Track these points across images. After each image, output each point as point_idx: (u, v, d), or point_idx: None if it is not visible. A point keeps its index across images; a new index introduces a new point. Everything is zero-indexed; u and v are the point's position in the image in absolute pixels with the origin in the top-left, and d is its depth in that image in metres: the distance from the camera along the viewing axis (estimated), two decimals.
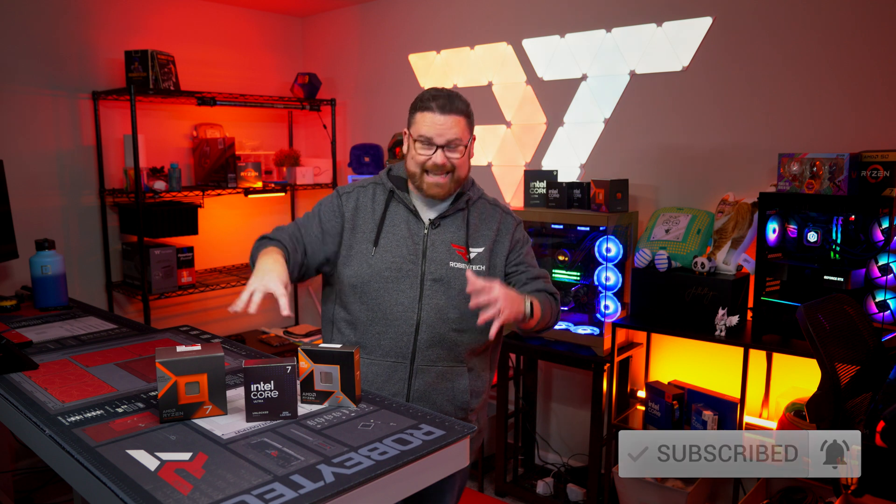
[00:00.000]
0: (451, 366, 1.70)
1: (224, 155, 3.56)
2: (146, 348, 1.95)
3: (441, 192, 1.68)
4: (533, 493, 2.94)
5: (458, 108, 1.66)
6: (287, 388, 1.38)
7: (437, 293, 1.67)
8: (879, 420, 1.62)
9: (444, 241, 1.71)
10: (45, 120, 3.15)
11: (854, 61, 2.35)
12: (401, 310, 1.66)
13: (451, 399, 1.71)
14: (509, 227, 1.79)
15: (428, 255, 1.69)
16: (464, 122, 1.67)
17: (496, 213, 1.80)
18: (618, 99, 2.91)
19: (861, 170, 2.20)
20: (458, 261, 1.69)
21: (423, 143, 1.66)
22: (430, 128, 1.65)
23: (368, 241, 1.70)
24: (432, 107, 1.65)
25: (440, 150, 1.65)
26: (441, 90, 1.70)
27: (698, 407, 2.48)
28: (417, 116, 1.69)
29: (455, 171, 1.68)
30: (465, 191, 1.77)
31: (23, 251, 2.88)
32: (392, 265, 1.67)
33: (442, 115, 1.65)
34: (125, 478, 1.13)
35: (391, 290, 1.67)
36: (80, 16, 3.22)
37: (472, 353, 1.73)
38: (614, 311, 2.71)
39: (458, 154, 1.66)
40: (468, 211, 1.75)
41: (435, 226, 1.72)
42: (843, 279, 2.11)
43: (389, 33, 3.71)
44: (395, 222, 1.72)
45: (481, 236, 1.74)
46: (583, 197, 2.75)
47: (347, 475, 1.14)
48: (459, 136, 1.66)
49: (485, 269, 1.71)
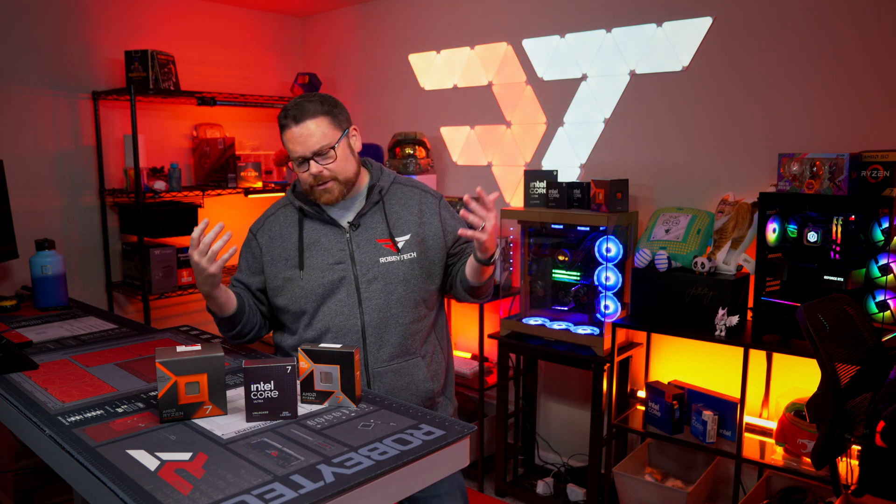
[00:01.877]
0: (406, 360, 1.71)
1: (224, 155, 3.56)
2: (146, 348, 1.95)
3: (332, 198, 1.66)
4: (533, 493, 2.94)
5: (310, 112, 1.61)
6: (287, 388, 1.38)
7: (376, 293, 1.67)
8: (879, 420, 1.62)
9: (369, 240, 1.69)
10: (45, 120, 3.15)
11: (854, 61, 2.35)
12: (342, 319, 1.67)
13: (415, 392, 1.72)
14: (433, 207, 1.77)
15: (357, 259, 1.68)
16: (325, 121, 1.62)
17: (414, 194, 1.78)
18: (618, 99, 2.91)
19: (861, 170, 2.20)
20: (387, 255, 1.69)
21: (297, 162, 1.65)
22: (293, 143, 1.62)
23: (293, 267, 1.70)
24: (287, 122, 1.62)
25: (311, 161, 1.62)
26: (295, 101, 1.65)
27: (698, 407, 2.48)
28: (284, 139, 1.65)
29: (338, 176, 1.65)
30: (375, 182, 1.74)
31: (23, 251, 2.88)
32: (323, 280, 1.67)
33: (297, 125, 1.61)
34: (125, 478, 1.13)
35: (329, 303, 1.67)
36: (80, 16, 3.22)
37: (422, 340, 1.74)
38: (614, 311, 2.71)
39: (330, 159, 1.63)
40: (384, 201, 1.73)
41: (355, 227, 1.70)
42: (843, 279, 2.11)
43: (389, 33, 3.71)
44: (314, 238, 1.71)
45: (404, 223, 1.72)
46: (583, 197, 2.75)
47: (347, 475, 1.14)
48: (321, 141, 1.61)
49: (416, 256, 1.70)
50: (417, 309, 1.72)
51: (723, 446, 2.41)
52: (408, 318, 1.70)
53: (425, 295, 1.74)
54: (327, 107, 1.65)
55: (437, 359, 1.80)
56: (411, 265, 1.70)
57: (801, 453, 2.27)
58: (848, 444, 1.77)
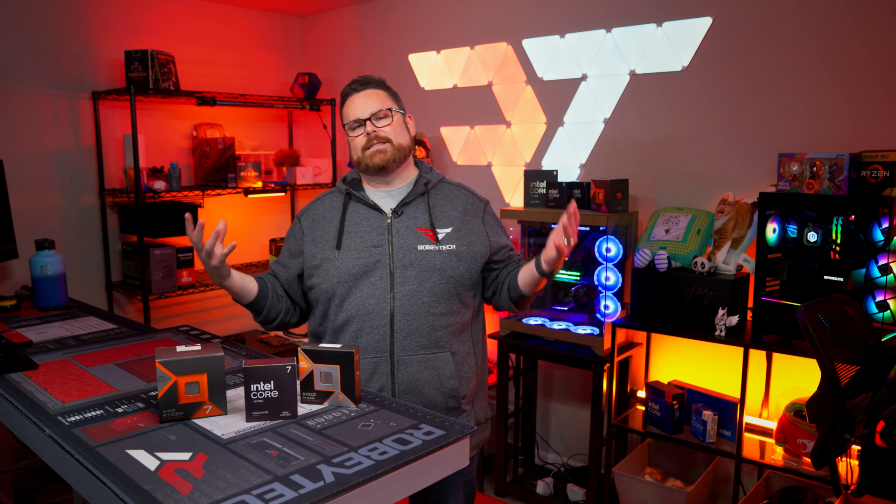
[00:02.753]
0: (433, 352, 1.68)
1: (224, 155, 3.56)
2: (146, 348, 1.95)
3: (385, 158, 1.69)
4: (533, 493, 2.94)
5: (373, 83, 1.74)
6: (287, 388, 1.38)
7: (409, 279, 1.66)
8: (879, 420, 1.62)
9: (410, 227, 1.70)
10: (45, 120, 3.15)
11: (854, 61, 2.35)
12: (372, 303, 1.66)
13: (439, 387, 1.68)
14: (477, 209, 1.79)
15: (395, 244, 1.68)
16: (383, 93, 1.73)
17: (461, 193, 1.80)
18: (618, 99, 2.91)
19: (861, 170, 2.20)
20: (426, 243, 1.68)
21: (352, 126, 1.71)
22: (352, 108, 1.71)
23: (331, 248, 1.71)
24: (349, 91, 1.74)
25: (368, 121, 1.69)
26: (354, 78, 1.76)
27: (698, 407, 2.48)
28: (343, 109, 1.74)
29: (393, 139, 1.70)
30: (424, 175, 1.77)
31: (23, 251, 2.88)
32: (358, 261, 1.67)
33: (359, 92, 1.72)
34: (125, 478, 1.13)
35: (361, 286, 1.67)
36: (80, 16, 3.22)
37: (453, 336, 1.71)
38: (614, 311, 2.71)
39: (386, 122, 1.70)
40: (428, 194, 1.75)
41: (398, 214, 1.71)
42: (843, 279, 2.11)
43: (389, 33, 3.71)
44: (356, 221, 1.72)
45: (447, 217, 1.73)
46: (583, 197, 2.75)
47: (347, 475, 1.14)
48: (382, 104, 1.71)
49: (454, 248, 1.69)
50: (451, 302, 1.69)
51: (723, 446, 2.41)
52: (439, 308, 1.67)
53: (460, 290, 1.71)
54: (386, 85, 1.78)
55: (469, 362, 1.75)
56: (449, 256, 1.68)
57: (801, 453, 2.27)
58: (848, 444, 1.77)
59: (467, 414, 1.76)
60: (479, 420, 1.81)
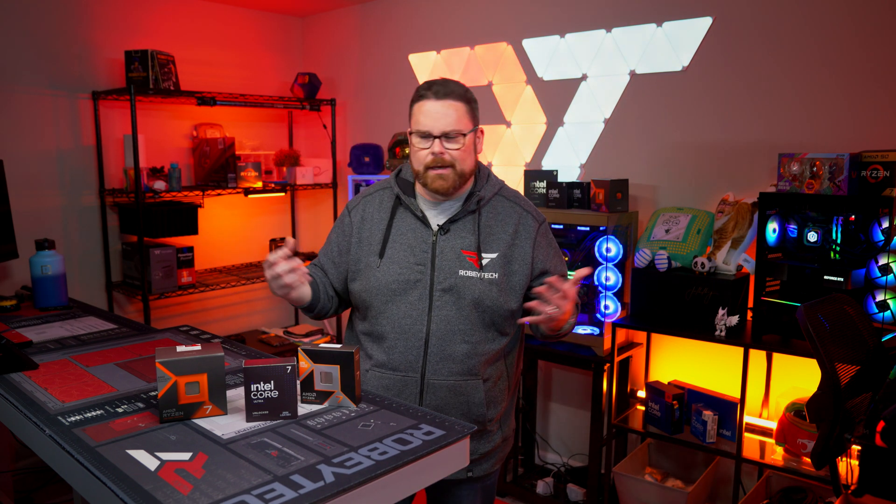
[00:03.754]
0: (465, 379, 1.60)
1: (224, 155, 3.56)
2: (146, 348, 1.95)
3: (445, 186, 1.57)
4: (533, 493, 2.94)
5: (454, 93, 1.56)
6: (287, 388, 1.38)
7: (447, 304, 1.58)
8: (879, 420, 1.62)
9: (454, 248, 1.60)
10: (45, 120, 3.15)
11: (854, 61, 2.35)
12: (409, 322, 1.59)
13: (467, 413, 1.62)
14: (530, 231, 1.65)
15: (437, 264, 1.59)
16: (463, 108, 1.57)
17: (514, 211, 1.66)
18: (618, 99, 2.91)
19: (861, 170, 2.20)
20: (468, 268, 1.59)
21: (421, 136, 1.57)
22: (426, 117, 1.56)
23: (374, 254, 1.64)
24: (427, 94, 1.57)
25: (437, 140, 1.55)
26: (438, 79, 1.60)
27: (698, 407, 2.48)
28: (414, 109, 1.60)
29: (457, 165, 1.57)
30: (477, 190, 1.65)
31: (23, 251, 2.88)
32: (399, 277, 1.60)
33: (437, 100, 1.55)
34: (125, 478, 1.13)
35: (399, 303, 1.60)
36: (80, 16, 3.22)
37: (487, 364, 1.63)
38: (614, 311, 2.71)
39: (457, 145, 1.56)
40: (480, 213, 1.63)
41: (444, 231, 1.61)
42: (843, 279, 2.11)
43: (389, 33, 3.71)
44: (402, 231, 1.63)
45: (495, 240, 1.62)
46: (583, 197, 2.75)
47: (347, 475, 1.14)
48: (456, 124, 1.55)
49: (496, 278, 1.59)
50: (488, 332, 1.62)
51: (723, 446, 2.41)
52: (475, 337, 1.60)
53: (498, 319, 1.62)
54: (470, 96, 1.60)
55: (500, 386, 1.68)
56: (490, 287, 1.58)
57: (801, 453, 2.27)
58: (848, 444, 1.77)
59: (493, 434, 1.70)
60: (507, 436, 1.75)
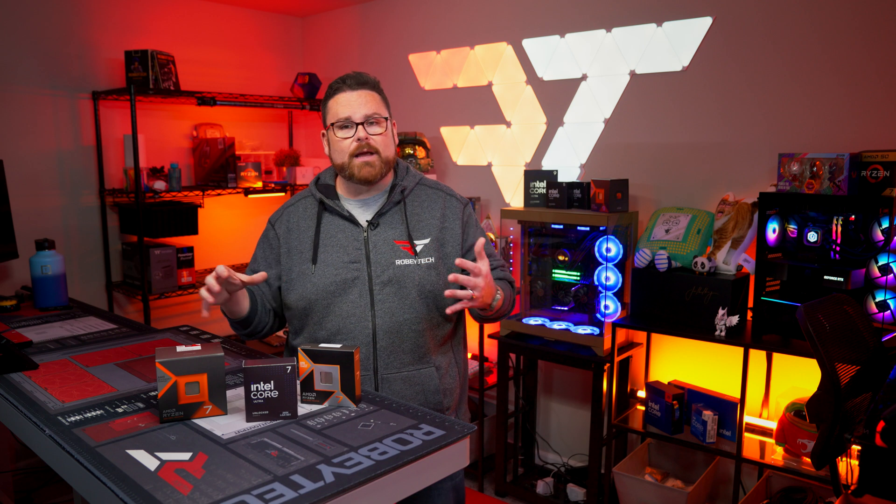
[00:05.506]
0: (417, 369, 1.64)
1: (224, 155, 3.56)
2: (146, 348, 1.95)
3: (373, 172, 1.62)
4: (533, 493, 2.94)
5: (368, 83, 1.64)
6: (287, 388, 1.38)
7: (389, 296, 1.61)
8: (879, 420, 1.62)
9: (387, 240, 1.63)
10: (45, 120, 3.15)
11: (854, 61, 2.35)
12: (353, 321, 1.61)
13: (424, 402, 1.65)
14: (456, 212, 1.71)
15: (372, 259, 1.62)
16: (377, 97, 1.64)
17: (438, 197, 1.71)
18: (618, 99, 2.91)
19: (861, 170, 2.20)
20: (404, 257, 1.62)
21: (341, 127, 1.61)
22: (345, 106, 1.61)
23: (307, 261, 1.65)
24: (342, 87, 1.62)
25: (360, 126, 1.60)
26: (348, 73, 1.66)
27: (698, 407, 2.48)
28: (330, 103, 1.64)
29: (381, 152, 1.62)
30: (399, 181, 1.69)
31: (23, 251, 2.88)
32: (335, 277, 1.61)
33: (353, 91, 1.61)
34: (125, 478, 1.13)
35: (340, 304, 1.61)
36: (80, 16, 3.22)
37: (436, 349, 1.68)
38: (614, 311, 2.71)
39: (380, 129, 1.62)
40: (405, 203, 1.67)
41: (374, 226, 1.64)
42: (843, 279, 2.11)
43: (389, 33, 3.71)
44: (331, 233, 1.65)
45: (425, 226, 1.66)
46: (583, 197, 2.75)
47: (347, 475, 1.14)
48: (377, 110, 1.62)
49: (433, 261, 1.63)
50: (432, 316, 1.65)
51: (723, 446, 2.41)
52: (422, 325, 1.63)
53: (440, 303, 1.65)
54: (380, 88, 1.68)
55: (451, 373, 1.72)
56: (428, 271, 1.63)
57: (801, 453, 2.27)
58: (848, 444, 1.77)
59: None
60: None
